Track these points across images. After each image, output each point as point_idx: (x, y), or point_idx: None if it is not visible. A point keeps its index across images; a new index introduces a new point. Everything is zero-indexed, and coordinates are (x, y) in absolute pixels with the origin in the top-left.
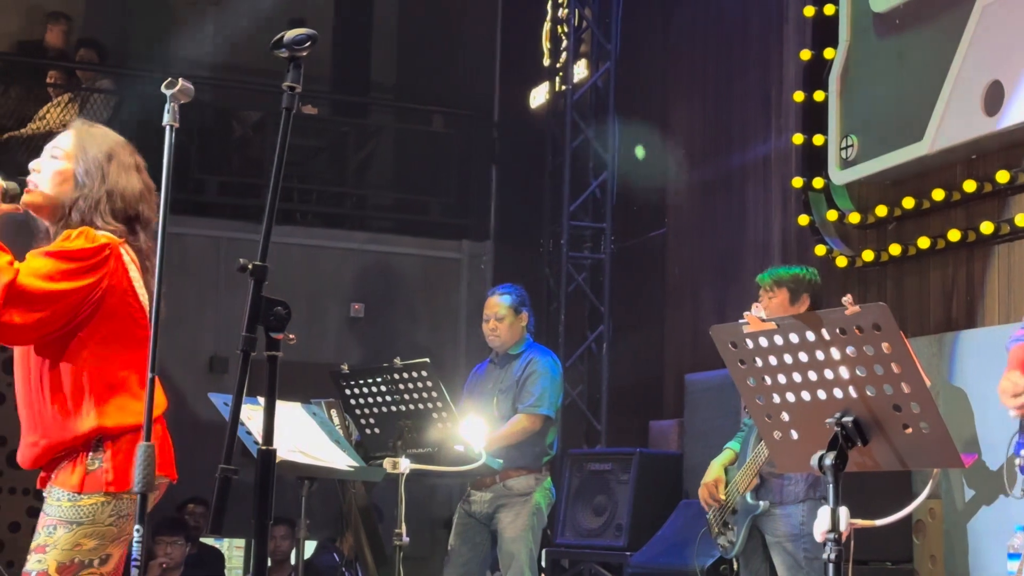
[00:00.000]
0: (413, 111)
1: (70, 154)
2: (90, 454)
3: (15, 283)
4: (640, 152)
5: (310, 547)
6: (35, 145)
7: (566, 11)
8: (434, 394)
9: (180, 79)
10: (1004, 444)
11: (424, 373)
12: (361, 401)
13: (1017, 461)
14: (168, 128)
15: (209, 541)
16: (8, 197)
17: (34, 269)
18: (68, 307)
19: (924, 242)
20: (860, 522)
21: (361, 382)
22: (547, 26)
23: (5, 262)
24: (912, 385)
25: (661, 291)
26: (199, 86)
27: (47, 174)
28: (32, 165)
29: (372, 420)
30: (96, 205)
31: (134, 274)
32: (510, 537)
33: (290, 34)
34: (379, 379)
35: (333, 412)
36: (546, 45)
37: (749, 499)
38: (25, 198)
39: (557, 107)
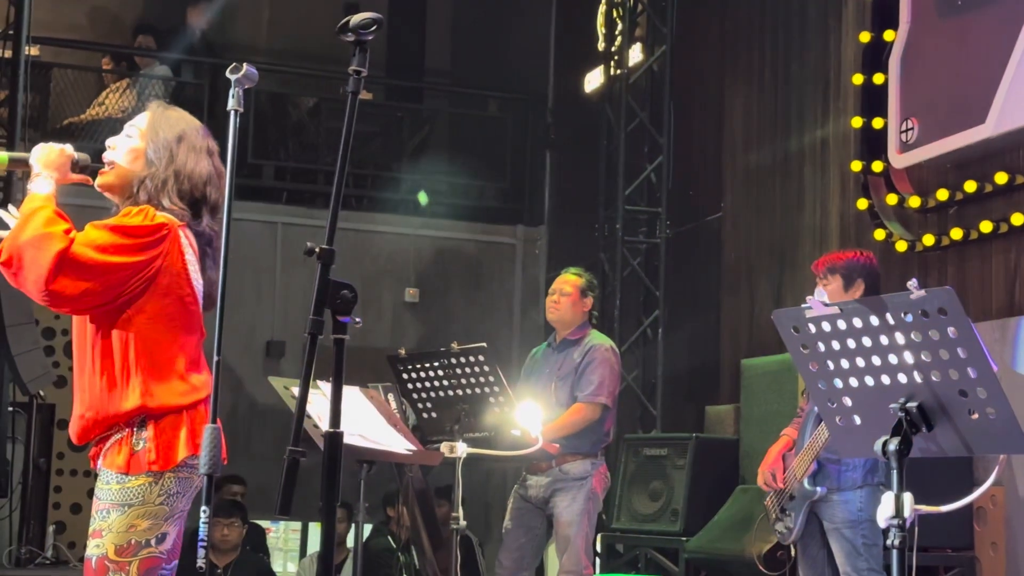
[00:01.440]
0: (467, 96)
1: (144, 133)
2: (135, 433)
3: (68, 251)
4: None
5: (366, 530)
6: (94, 130)
7: None
8: (491, 379)
9: (244, 64)
10: None
11: (481, 358)
12: (418, 385)
13: None
14: (233, 113)
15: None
16: (78, 168)
17: (90, 240)
18: (117, 280)
19: (986, 226)
20: (924, 508)
21: (418, 366)
22: (602, 9)
23: (61, 230)
24: (979, 370)
25: (717, 276)
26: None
27: (121, 150)
28: (108, 142)
29: (429, 404)
30: (163, 185)
31: (190, 257)
32: (566, 521)
33: (356, 19)
34: (436, 363)
35: (390, 396)
36: (601, 29)
37: (807, 485)
38: (99, 179)
39: (612, 91)
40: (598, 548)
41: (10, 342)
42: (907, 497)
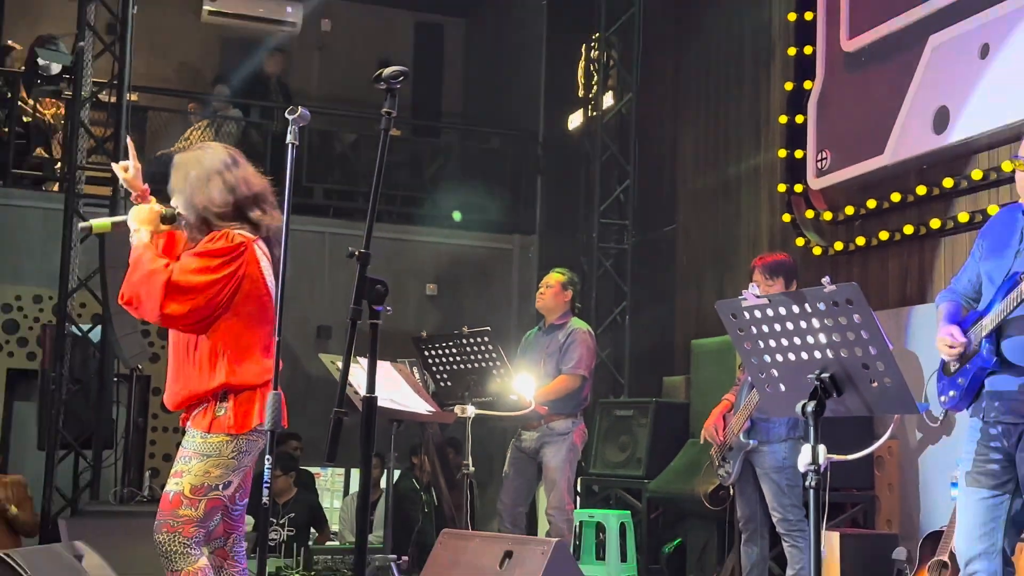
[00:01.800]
0: (475, 132)
1: (178, 183)
2: (217, 403)
3: (171, 280)
4: None
5: (396, 475)
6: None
7: (597, 52)
8: (494, 355)
9: (300, 107)
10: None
11: (486, 339)
12: (436, 360)
13: (942, 399)
14: (290, 146)
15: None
16: (166, 219)
17: (185, 267)
18: (215, 294)
19: (884, 235)
20: (835, 457)
21: (436, 346)
22: (582, 64)
23: (162, 265)
24: (878, 348)
25: (672, 275)
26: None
27: (177, 201)
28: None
29: (445, 375)
30: (201, 218)
31: (264, 264)
32: (553, 467)
33: (387, 71)
34: (450, 343)
35: (414, 369)
36: (581, 80)
37: (742, 438)
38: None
39: (589, 129)
40: (578, 489)
41: (115, 327)
42: (821, 448)
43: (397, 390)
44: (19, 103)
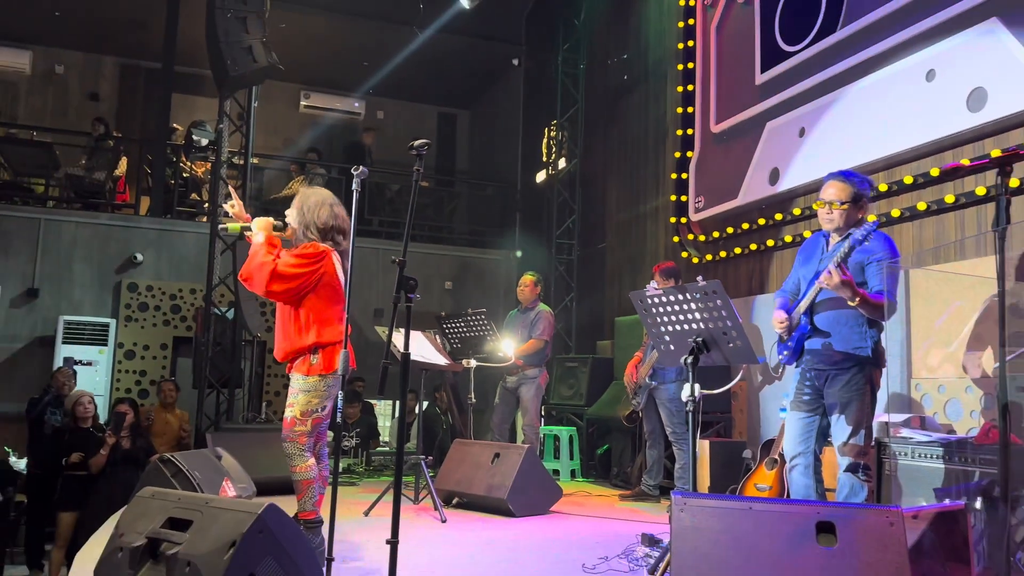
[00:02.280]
0: (477, 184)
1: (297, 206)
2: (311, 355)
3: (276, 269)
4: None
5: (425, 404)
6: (287, 202)
7: (555, 132)
8: (488, 327)
9: (361, 167)
10: (776, 354)
11: (483, 317)
12: (451, 331)
13: (780, 356)
14: (355, 192)
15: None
16: (277, 228)
17: (286, 262)
18: (304, 282)
19: (738, 250)
20: (706, 391)
21: (451, 321)
22: (545, 140)
23: (271, 259)
24: (733, 322)
25: (603, 276)
26: (368, 170)
27: (290, 217)
28: (286, 212)
29: (456, 340)
30: (307, 229)
31: (337, 267)
32: (526, 399)
33: (417, 142)
34: (460, 320)
35: (437, 336)
36: (544, 149)
37: (648, 380)
38: (287, 231)
39: (550, 182)
40: (543, 413)
41: (243, 309)
42: (697, 386)
43: (425, 350)
44: (181, 164)
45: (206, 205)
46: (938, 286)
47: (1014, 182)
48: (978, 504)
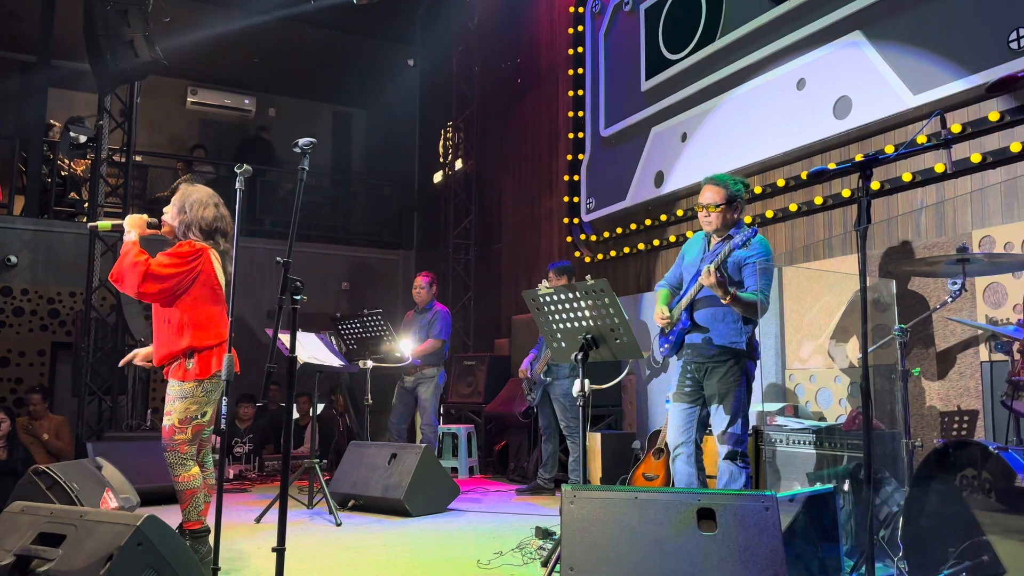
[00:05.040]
0: (373, 184)
1: (176, 203)
2: (186, 360)
3: (149, 268)
4: None
5: (319, 407)
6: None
7: (451, 133)
8: (385, 328)
9: (245, 165)
10: (658, 346)
11: (379, 317)
12: (347, 332)
13: (660, 350)
14: (239, 191)
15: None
16: (151, 227)
17: (159, 261)
18: (177, 282)
19: (626, 249)
20: (596, 386)
21: (347, 322)
22: (442, 141)
23: (144, 259)
24: (620, 318)
25: (499, 275)
26: (260, 170)
27: (168, 215)
28: (165, 209)
29: (352, 341)
30: (188, 228)
31: (216, 265)
32: (424, 399)
33: (303, 141)
34: (356, 320)
35: (333, 338)
36: (441, 149)
37: (542, 376)
38: (163, 229)
39: (447, 182)
40: (441, 412)
41: (125, 312)
42: (587, 382)
43: (320, 351)
44: (58, 162)
45: (86, 205)
46: (808, 282)
47: (875, 185)
48: (846, 487)
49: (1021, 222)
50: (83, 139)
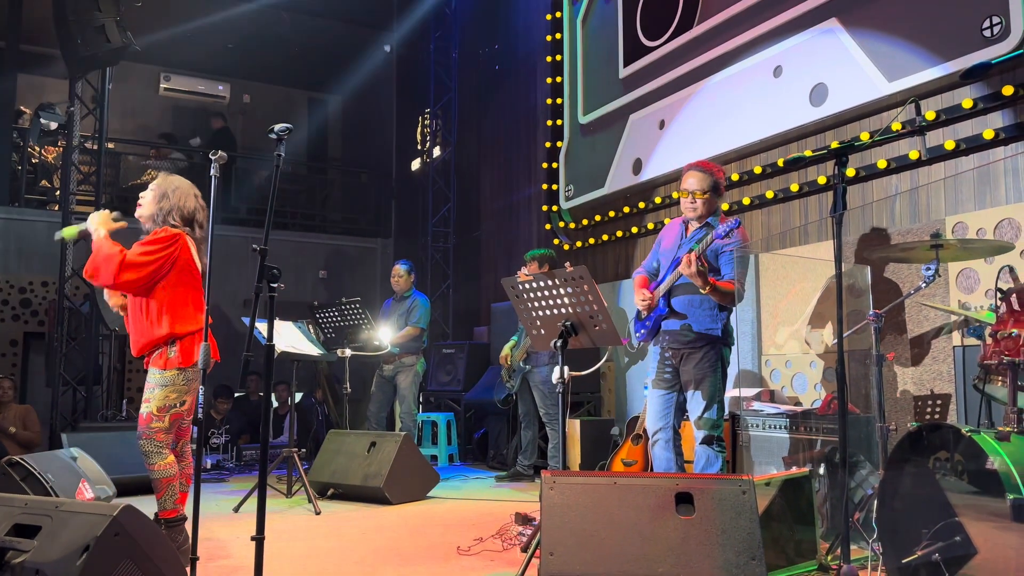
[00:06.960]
0: (350, 171)
1: (156, 189)
2: (168, 348)
3: (125, 259)
4: None
5: (298, 396)
6: (143, 188)
7: (429, 121)
8: (363, 316)
9: (220, 151)
10: (634, 331)
11: (357, 305)
12: (324, 320)
13: (637, 335)
14: (213, 178)
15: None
16: (116, 220)
17: (135, 251)
18: (155, 270)
19: (605, 237)
20: (575, 373)
21: (325, 310)
22: (420, 128)
23: (117, 250)
24: (599, 306)
25: (478, 263)
26: (233, 157)
27: (146, 200)
28: (141, 195)
29: (331, 329)
30: (168, 215)
31: (193, 251)
32: (404, 387)
33: (278, 127)
34: (334, 309)
35: (310, 327)
36: (419, 136)
37: (522, 364)
38: (137, 212)
39: (425, 170)
40: (420, 400)
41: (99, 301)
42: (567, 368)
43: (298, 340)
44: (29, 149)
45: (57, 193)
46: (785, 269)
47: (850, 172)
48: (821, 470)
49: (993, 208)
50: (54, 126)
